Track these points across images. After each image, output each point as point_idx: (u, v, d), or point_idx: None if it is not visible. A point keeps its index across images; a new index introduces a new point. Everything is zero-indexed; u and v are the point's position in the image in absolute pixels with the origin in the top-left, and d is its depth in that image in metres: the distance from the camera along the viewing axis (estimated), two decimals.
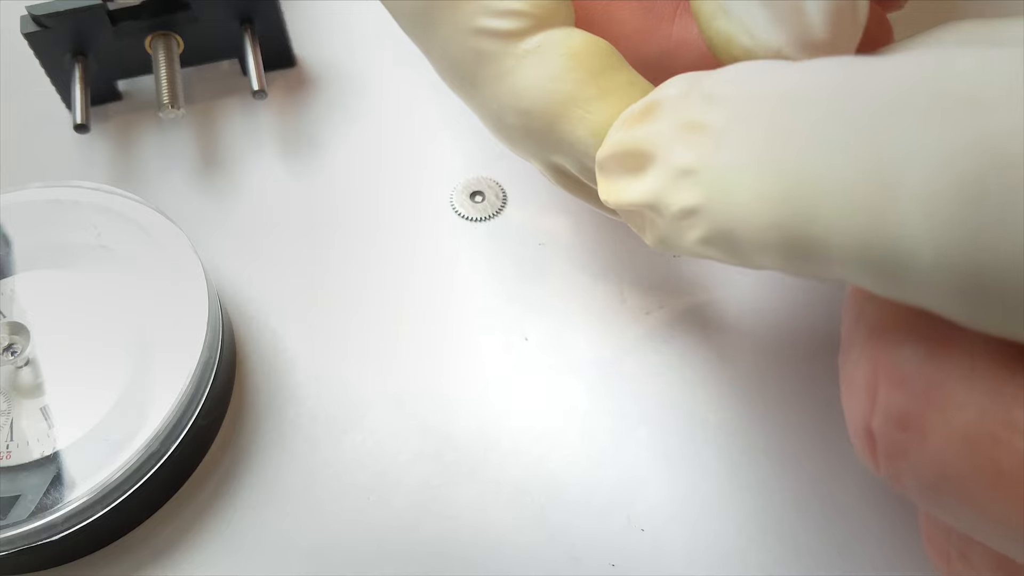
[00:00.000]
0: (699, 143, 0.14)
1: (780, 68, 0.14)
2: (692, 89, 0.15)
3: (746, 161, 0.13)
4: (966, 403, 0.13)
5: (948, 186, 0.11)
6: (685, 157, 0.15)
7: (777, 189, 0.13)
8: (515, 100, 0.19)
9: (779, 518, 0.22)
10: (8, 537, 0.20)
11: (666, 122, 0.16)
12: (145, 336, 0.23)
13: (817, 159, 0.12)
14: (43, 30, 0.26)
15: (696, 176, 0.14)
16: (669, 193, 0.15)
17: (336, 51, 0.31)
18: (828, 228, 0.12)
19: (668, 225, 0.16)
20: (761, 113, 0.13)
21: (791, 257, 0.13)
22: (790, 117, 0.13)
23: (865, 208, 0.12)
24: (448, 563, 0.21)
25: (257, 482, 0.23)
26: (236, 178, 0.28)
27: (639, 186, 0.16)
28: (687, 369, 0.24)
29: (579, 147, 0.19)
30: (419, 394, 0.24)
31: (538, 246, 0.26)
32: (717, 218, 0.14)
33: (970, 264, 0.11)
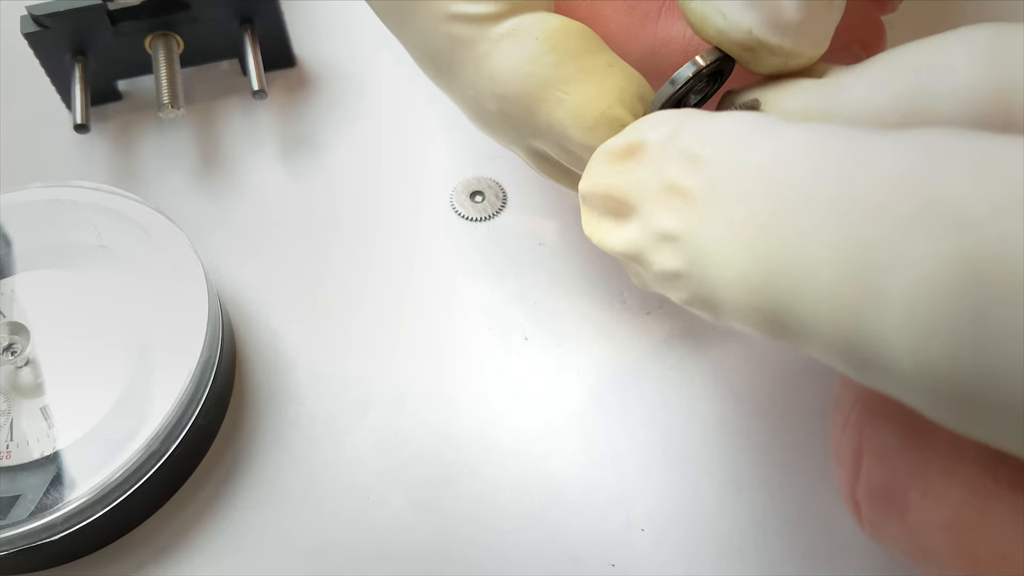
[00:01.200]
0: (680, 209, 0.14)
1: (766, 132, 0.14)
2: (675, 139, 0.15)
3: (727, 240, 0.13)
4: (946, 493, 0.13)
5: (930, 301, 0.11)
6: (666, 221, 0.14)
7: (758, 275, 0.13)
8: (492, 84, 0.19)
9: (779, 518, 0.22)
10: (8, 537, 0.20)
11: (648, 174, 0.15)
12: (145, 336, 0.23)
13: (800, 253, 0.12)
14: (43, 30, 0.26)
15: (677, 244, 0.14)
16: (651, 253, 0.15)
17: (336, 51, 0.31)
18: (807, 320, 0.12)
19: (651, 279, 0.16)
20: (745, 190, 0.13)
21: (770, 335, 0.13)
22: (775, 202, 0.13)
23: (846, 309, 0.12)
24: (448, 563, 0.21)
25: (257, 482, 0.23)
26: (236, 178, 0.28)
27: (622, 235, 0.16)
28: (687, 369, 0.24)
29: (557, 130, 0.18)
30: (419, 394, 0.24)
31: (538, 246, 0.26)
32: (698, 288, 0.14)
33: (948, 377, 0.11)
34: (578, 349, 0.24)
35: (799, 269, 0.12)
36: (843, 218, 0.12)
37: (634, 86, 0.19)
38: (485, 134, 0.21)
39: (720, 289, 0.14)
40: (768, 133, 0.14)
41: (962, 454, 0.13)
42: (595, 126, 0.18)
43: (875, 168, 0.12)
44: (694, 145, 0.14)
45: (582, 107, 0.18)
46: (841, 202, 0.12)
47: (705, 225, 0.14)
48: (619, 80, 0.19)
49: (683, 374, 0.24)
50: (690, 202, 0.14)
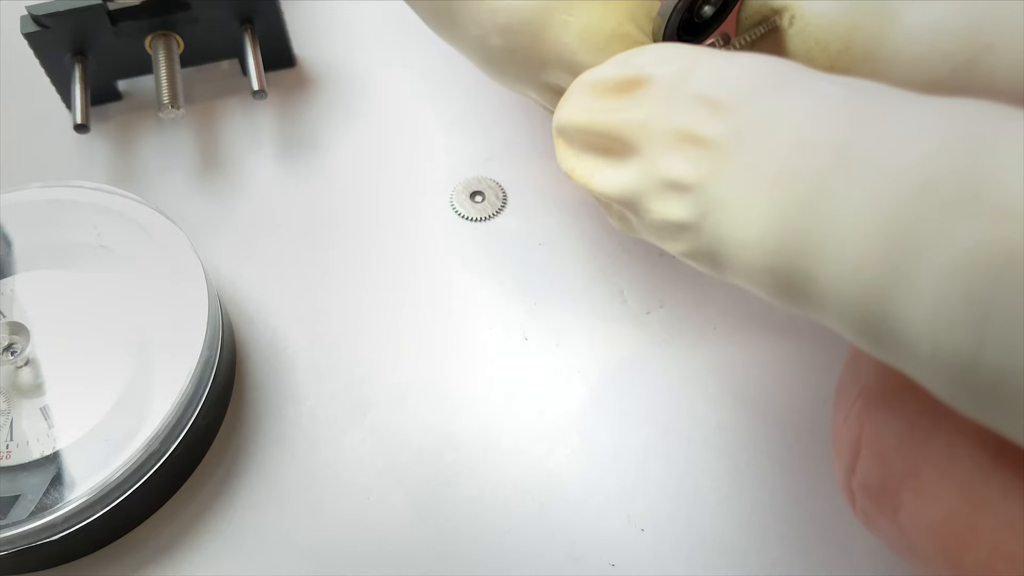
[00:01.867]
0: (696, 159, 0.13)
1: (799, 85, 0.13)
2: (687, 78, 0.14)
3: (749, 197, 0.12)
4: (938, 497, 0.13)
5: (959, 288, 0.10)
6: (679, 169, 0.13)
7: (778, 236, 0.12)
8: (495, 18, 0.18)
9: (779, 518, 0.22)
10: (8, 537, 0.20)
11: (655, 115, 0.14)
12: (145, 336, 0.23)
13: (830, 219, 0.12)
14: (43, 30, 0.26)
15: (689, 194, 0.13)
16: (653, 200, 0.14)
17: (336, 51, 0.31)
18: (826, 289, 0.12)
19: (648, 229, 0.14)
20: (774, 145, 0.12)
21: (780, 298, 0.13)
22: (807, 161, 0.12)
23: (870, 283, 0.11)
24: (448, 563, 0.21)
25: (257, 482, 0.23)
26: (236, 178, 0.28)
27: (615, 177, 0.15)
28: (687, 369, 0.24)
29: (567, 56, 0.18)
30: (419, 393, 0.24)
31: (538, 246, 0.26)
32: (707, 242, 0.13)
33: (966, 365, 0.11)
34: (578, 349, 0.24)
35: (826, 235, 0.12)
36: (881, 189, 0.11)
37: (645, 6, 0.18)
38: (495, 79, 0.20)
39: (732, 246, 0.13)
40: (802, 87, 0.13)
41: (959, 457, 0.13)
42: (606, 46, 0.17)
43: (920, 142, 0.11)
44: (713, 89, 0.13)
45: (590, 27, 0.17)
46: (880, 172, 0.11)
47: (725, 177, 0.13)
48: (625, 4, 0.18)
49: (683, 374, 0.24)
50: (709, 151, 0.13)
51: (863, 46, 0.15)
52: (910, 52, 0.15)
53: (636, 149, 0.14)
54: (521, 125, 0.28)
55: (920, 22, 0.14)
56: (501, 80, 0.20)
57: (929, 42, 0.14)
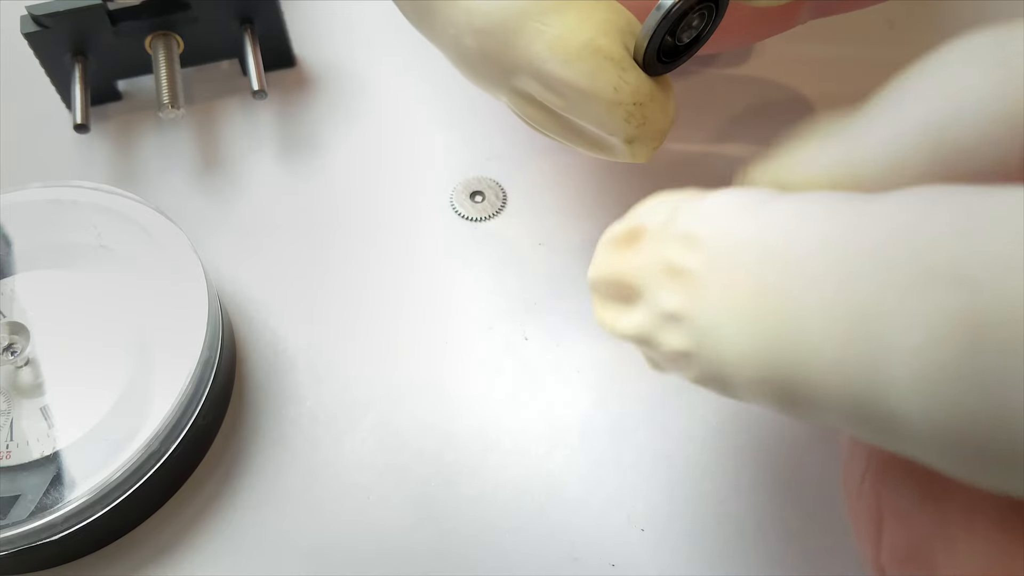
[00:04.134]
0: (682, 290, 0.14)
1: (759, 206, 0.14)
2: (672, 221, 0.15)
3: (730, 316, 0.13)
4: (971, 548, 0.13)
5: (936, 361, 0.11)
6: (670, 302, 0.14)
7: (764, 348, 0.13)
8: (469, 19, 0.18)
9: (779, 518, 0.22)
10: (8, 537, 0.20)
11: (648, 257, 0.15)
12: (145, 336, 0.23)
13: (803, 324, 0.12)
14: (43, 30, 0.26)
15: (683, 323, 0.14)
16: (659, 334, 0.15)
17: (336, 51, 0.31)
18: (818, 390, 0.12)
19: (662, 360, 0.15)
20: (742, 266, 0.13)
21: (782, 407, 0.13)
22: (773, 275, 0.13)
23: (854, 376, 0.12)
24: (448, 563, 0.21)
25: (257, 482, 0.23)
26: (236, 178, 0.28)
27: (630, 320, 0.16)
28: None
29: (536, 64, 0.18)
30: (419, 394, 0.24)
31: (538, 246, 0.26)
32: (708, 366, 0.14)
33: (959, 432, 0.11)
34: (578, 349, 0.24)
35: (804, 341, 0.12)
36: (842, 286, 0.12)
37: (622, 20, 0.18)
38: (469, 79, 0.20)
39: (729, 365, 0.13)
40: (761, 207, 0.14)
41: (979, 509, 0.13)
42: (576, 58, 0.17)
43: (869, 233, 0.12)
44: (690, 225, 0.14)
45: (562, 38, 0.17)
46: (838, 270, 0.12)
47: (706, 303, 0.14)
48: (604, 12, 0.18)
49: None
50: (690, 281, 0.14)
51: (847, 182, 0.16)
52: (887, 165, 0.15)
53: (639, 291, 0.15)
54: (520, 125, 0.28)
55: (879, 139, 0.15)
56: (474, 81, 0.20)
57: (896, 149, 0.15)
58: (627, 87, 0.17)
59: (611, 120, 0.18)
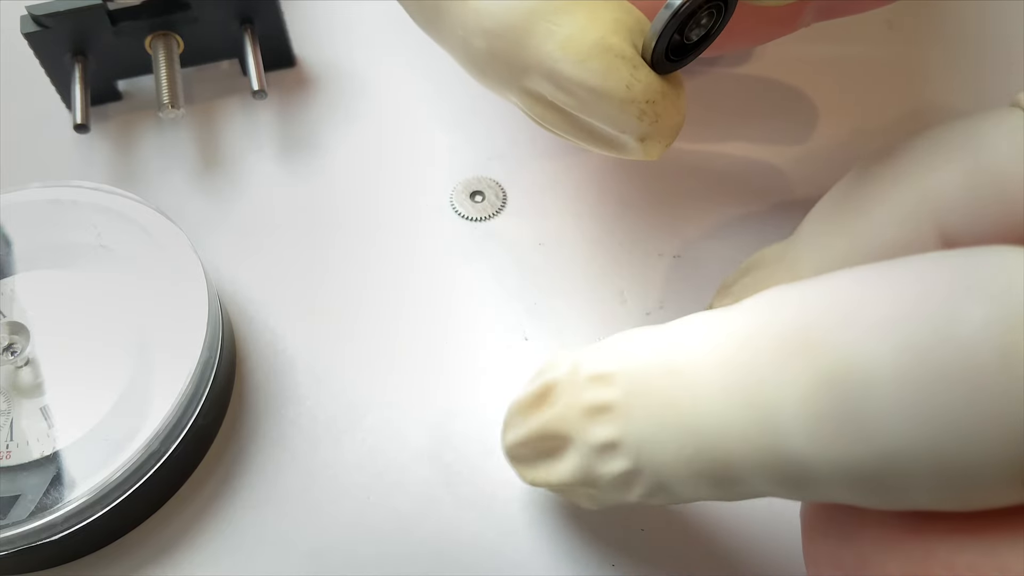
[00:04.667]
0: (609, 420, 0.16)
1: (645, 339, 0.16)
2: (577, 369, 0.17)
3: (655, 426, 0.15)
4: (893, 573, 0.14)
5: (815, 411, 0.13)
6: (601, 434, 0.16)
7: (689, 446, 0.15)
8: (479, 20, 0.18)
9: (779, 518, 0.22)
10: (8, 537, 0.20)
11: (566, 406, 0.17)
12: (145, 336, 0.23)
13: (713, 416, 0.14)
14: (43, 30, 0.26)
15: (619, 447, 0.16)
16: (598, 466, 0.16)
17: (336, 51, 0.31)
18: (738, 466, 0.14)
19: (607, 490, 0.17)
20: (651, 384, 0.16)
21: (720, 492, 0.15)
22: (678, 385, 0.15)
23: (760, 441, 0.14)
24: (448, 563, 0.21)
25: (257, 482, 0.23)
26: (236, 178, 0.28)
27: (564, 466, 0.17)
28: None
29: (548, 64, 0.18)
30: (419, 394, 0.24)
31: (538, 246, 0.26)
32: (652, 478, 0.16)
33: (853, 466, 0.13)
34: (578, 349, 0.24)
35: (712, 428, 0.14)
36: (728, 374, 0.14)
37: (631, 19, 0.18)
38: (479, 81, 0.20)
39: (666, 470, 0.15)
40: (649, 339, 0.16)
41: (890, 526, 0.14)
42: (588, 57, 0.17)
43: (736, 328, 0.15)
44: (596, 367, 0.16)
45: (573, 37, 0.17)
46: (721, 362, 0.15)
47: (634, 424, 0.16)
48: (614, 11, 0.18)
49: None
50: (614, 411, 0.16)
51: None
52: None
53: (566, 437, 0.17)
54: (521, 125, 0.28)
55: None
56: (483, 82, 0.20)
57: None
58: (639, 85, 0.17)
59: (624, 118, 0.18)
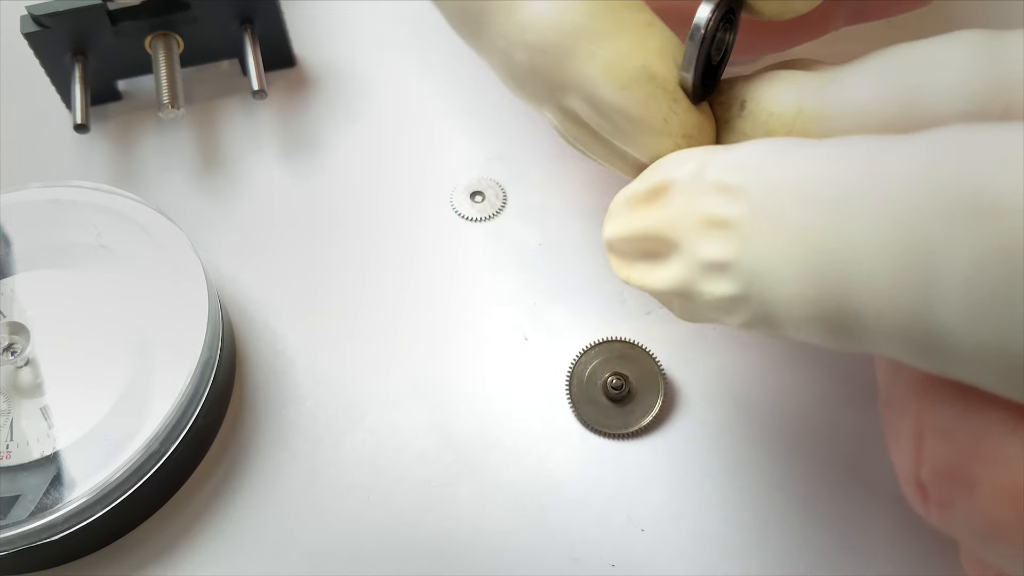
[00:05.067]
0: (726, 239, 0.15)
1: (793, 154, 0.14)
2: (702, 173, 0.15)
3: (780, 258, 0.14)
4: (1011, 456, 0.13)
5: (984, 289, 0.12)
6: (714, 252, 0.15)
7: (814, 288, 0.13)
8: (522, 33, 0.18)
9: (779, 518, 0.22)
10: (8, 537, 0.20)
11: (682, 211, 0.15)
12: (145, 336, 0.23)
13: (854, 261, 0.13)
14: (43, 30, 0.26)
15: (730, 270, 0.15)
16: (702, 284, 0.15)
17: (336, 51, 0.31)
18: (870, 321, 0.13)
19: (702, 309, 0.16)
20: (785, 211, 0.14)
21: (832, 340, 0.14)
22: (818, 217, 0.13)
23: (905, 304, 0.12)
24: (448, 563, 0.21)
25: (257, 482, 0.23)
26: (236, 178, 0.28)
27: (664, 274, 0.16)
28: (686, 369, 0.24)
29: (588, 86, 0.18)
30: (419, 394, 0.24)
31: (538, 246, 0.26)
32: (758, 309, 0.14)
33: (1005, 352, 0.12)
34: (578, 349, 0.24)
35: (856, 276, 0.13)
36: (887, 221, 0.12)
37: (673, 48, 0.18)
38: (515, 93, 0.20)
39: (779, 306, 0.14)
40: (795, 155, 0.14)
41: (1021, 421, 0.13)
42: (629, 84, 0.17)
43: (904, 169, 0.13)
44: (724, 175, 0.15)
45: (615, 63, 0.17)
46: (881, 207, 0.13)
47: (753, 250, 0.14)
48: (658, 40, 0.18)
49: (683, 374, 0.24)
50: (735, 229, 0.14)
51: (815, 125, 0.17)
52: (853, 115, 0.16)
53: (675, 244, 0.16)
54: (522, 125, 0.28)
55: (855, 89, 0.16)
56: (520, 95, 0.20)
57: (867, 99, 0.16)
58: (676, 119, 0.17)
59: (658, 150, 0.18)
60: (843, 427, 0.23)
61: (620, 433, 0.23)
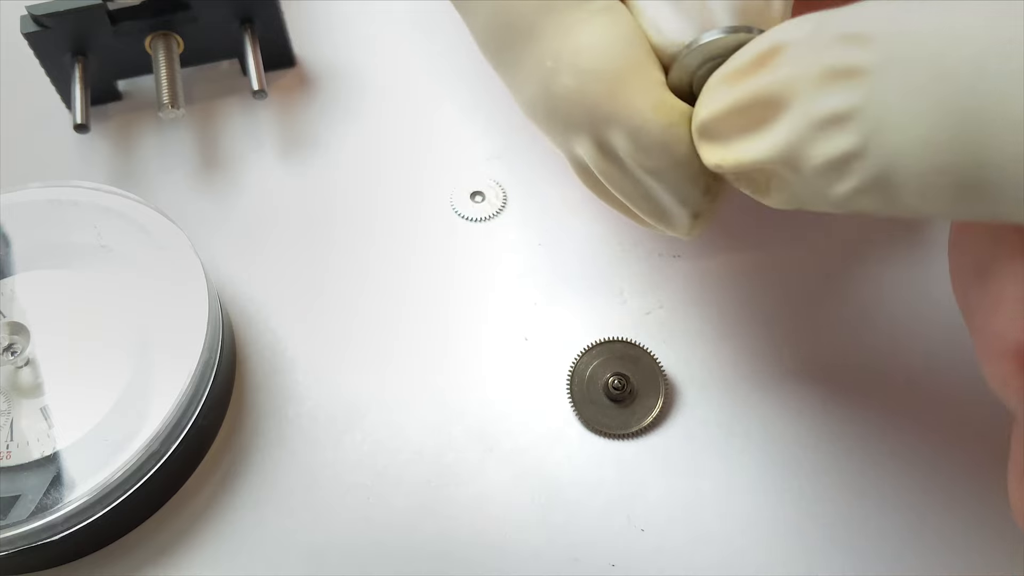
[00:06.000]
0: (850, 88, 0.14)
1: (924, 5, 0.13)
2: (822, 29, 0.14)
3: (911, 103, 0.13)
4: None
5: None
6: (834, 103, 0.14)
7: (947, 131, 0.12)
8: (576, 57, 0.18)
9: (779, 518, 0.22)
10: (8, 537, 0.20)
11: (801, 67, 0.14)
12: (145, 336, 0.23)
13: (990, 97, 0.12)
14: (43, 30, 0.26)
15: (851, 122, 0.14)
16: (813, 144, 0.14)
17: (336, 51, 0.31)
18: (1001, 169, 0.12)
19: (810, 179, 0.15)
20: (921, 56, 0.13)
21: (957, 200, 0.13)
22: (955, 61, 0.12)
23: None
24: (448, 563, 0.21)
25: (257, 482, 0.23)
26: (236, 178, 0.28)
27: (766, 141, 0.15)
28: (686, 369, 0.24)
29: (637, 120, 0.17)
30: (419, 394, 0.24)
31: (538, 246, 0.26)
32: (877, 165, 0.14)
33: None
34: (578, 349, 0.24)
35: (991, 119, 0.12)
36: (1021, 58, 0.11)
37: None
38: (542, 122, 0.19)
39: (903, 156, 0.13)
40: (931, 5, 0.13)
41: None
42: (677, 124, 0.17)
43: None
44: (851, 26, 0.14)
45: (666, 103, 0.17)
46: (1015, 41, 0.12)
47: (883, 94, 0.13)
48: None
49: (682, 374, 0.24)
50: (862, 76, 0.14)
51: None
52: None
53: (786, 104, 0.15)
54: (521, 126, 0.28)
55: None
56: (550, 123, 0.19)
57: None
58: None
59: (692, 191, 0.18)
60: (843, 428, 0.23)
61: (620, 433, 0.23)
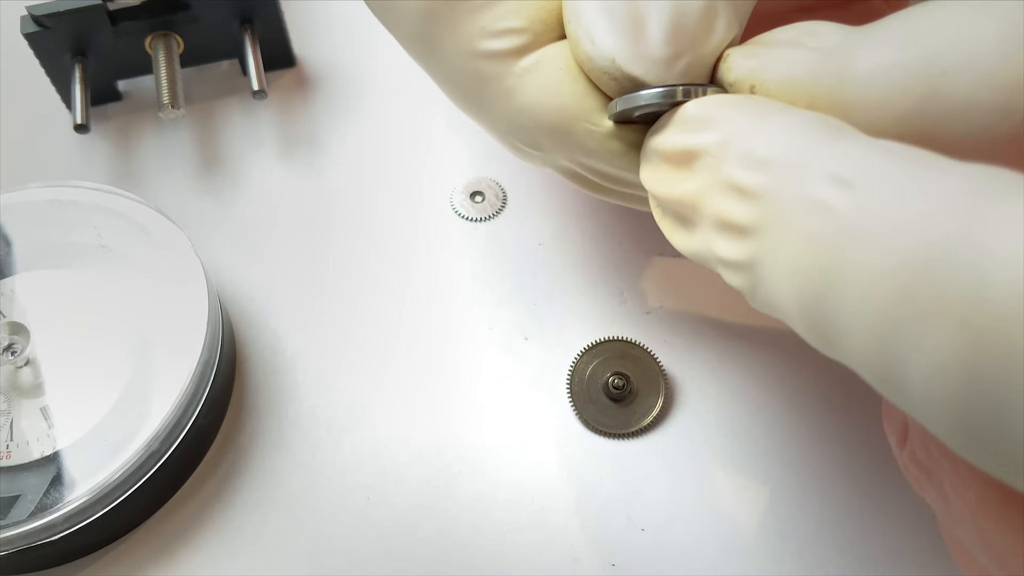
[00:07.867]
0: (738, 240, 0.15)
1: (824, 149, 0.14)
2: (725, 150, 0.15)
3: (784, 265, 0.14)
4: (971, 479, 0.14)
5: (943, 383, 0.12)
6: (726, 251, 0.15)
7: (806, 296, 0.14)
8: (521, 118, 0.19)
9: (779, 518, 0.22)
10: (8, 537, 0.20)
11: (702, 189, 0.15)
12: (145, 336, 0.23)
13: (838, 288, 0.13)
14: (43, 30, 0.26)
15: (747, 239, 0.15)
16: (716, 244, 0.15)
17: (336, 51, 0.31)
18: (849, 351, 0.13)
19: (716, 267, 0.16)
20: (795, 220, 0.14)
21: (821, 346, 0.14)
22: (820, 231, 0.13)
23: (874, 351, 0.13)
24: (448, 563, 0.21)
25: (257, 482, 0.23)
26: (236, 178, 0.28)
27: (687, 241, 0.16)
28: (686, 369, 0.24)
29: (593, 158, 0.18)
30: (419, 394, 0.24)
31: (538, 246, 0.26)
32: (763, 294, 0.15)
33: (954, 424, 0.12)
34: (578, 349, 0.24)
35: (837, 299, 0.13)
36: (875, 273, 0.12)
37: None
38: (515, 155, 0.21)
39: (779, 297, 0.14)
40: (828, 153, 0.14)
41: None
42: (627, 151, 0.18)
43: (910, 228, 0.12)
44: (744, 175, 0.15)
45: (612, 137, 0.18)
46: (875, 259, 0.13)
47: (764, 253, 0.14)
48: None
49: (682, 374, 0.24)
50: (747, 235, 0.15)
51: (827, 99, 0.16)
52: (871, 95, 0.16)
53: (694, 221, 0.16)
54: None
55: (873, 65, 0.15)
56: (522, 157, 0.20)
57: (886, 81, 0.15)
58: None
59: None
60: (843, 428, 0.23)
61: (620, 433, 0.23)
